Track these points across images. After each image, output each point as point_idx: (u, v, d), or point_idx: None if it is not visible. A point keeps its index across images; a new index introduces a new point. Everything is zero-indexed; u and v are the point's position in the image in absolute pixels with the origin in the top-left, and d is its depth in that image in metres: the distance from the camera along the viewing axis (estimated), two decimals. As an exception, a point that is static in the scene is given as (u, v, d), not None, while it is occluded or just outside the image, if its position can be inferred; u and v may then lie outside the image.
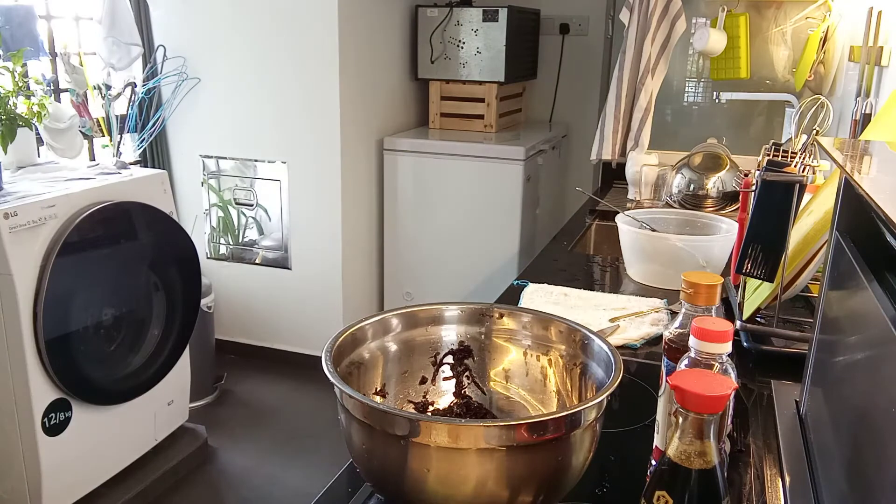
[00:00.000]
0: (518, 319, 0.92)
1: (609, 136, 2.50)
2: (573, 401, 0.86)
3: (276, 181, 2.95)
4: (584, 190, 2.25)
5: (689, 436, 0.56)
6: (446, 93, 3.28)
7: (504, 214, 2.98)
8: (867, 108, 1.81)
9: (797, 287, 1.21)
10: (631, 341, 1.26)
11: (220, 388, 2.91)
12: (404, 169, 3.07)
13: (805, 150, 1.74)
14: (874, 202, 0.59)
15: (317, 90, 2.80)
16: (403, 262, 3.18)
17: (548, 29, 3.51)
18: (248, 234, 3.07)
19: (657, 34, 2.42)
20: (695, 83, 3.23)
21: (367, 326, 0.86)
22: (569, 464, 0.71)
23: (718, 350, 0.70)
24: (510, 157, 2.93)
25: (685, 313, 0.78)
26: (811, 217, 1.19)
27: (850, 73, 2.14)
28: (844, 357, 0.79)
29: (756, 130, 3.13)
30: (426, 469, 0.67)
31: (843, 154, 0.89)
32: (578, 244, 1.97)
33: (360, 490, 0.83)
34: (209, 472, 2.44)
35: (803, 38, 2.76)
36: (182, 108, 2.97)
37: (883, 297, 0.63)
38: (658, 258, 1.53)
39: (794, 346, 1.18)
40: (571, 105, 3.58)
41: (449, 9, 3.15)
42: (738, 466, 0.88)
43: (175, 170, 3.09)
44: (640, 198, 2.29)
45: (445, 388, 0.93)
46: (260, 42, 2.82)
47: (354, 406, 0.71)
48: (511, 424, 0.67)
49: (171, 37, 2.91)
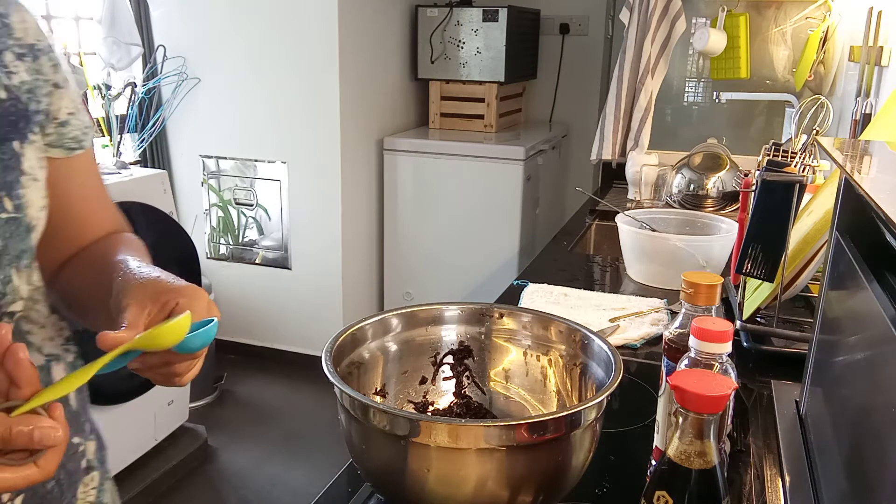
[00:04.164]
0: (518, 319, 0.92)
1: (609, 136, 2.50)
2: (573, 401, 0.86)
3: (276, 181, 2.95)
4: (584, 190, 2.25)
5: (689, 436, 0.56)
6: (446, 93, 3.28)
7: (504, 214, 2.98)
8: (867, 108, 1.81)
9: (797, 287, 1.21)
10: (631, 341, 1.25)
11: (220, 388, 2.91)
12: (404, 169, 3.07)
13: (805, 150, 1.74)
14: (874, 202, 0.59)
15: (317, 90, 2.80)
16: (403, 262, 3.18)
17: (548, 29, 3.51)
18: (248, 234, 3.07)
19: (657, 34, 2.42)
20: (695, 83, 3.22)
21: (367, 326, 0.86)
22: (569, 464, 0.71)
23: (718, 350, 0.70)
24: (510, 157, 2.93)
25: (685, 313, 0.78)
26: (811, 217, 1.19)
27: (850, 73, 2.14)
28: (844, 357, 0.79)
29: (756, 130, 3.13)
30: (426, 469, 0.67)
31: (843, 154, 0.89)
32: (578, 244, 1.97)
33: (360, 490, 0.83)
34: (209, 472, 2.44)
35: (803, 38, 2.76)
36: (182, 108, 2.97)
37: (883, 297, 0.63)
38: (658, 258, 1.53)
39: (794, 346, 1.18)
40: (571, 105, 3.58)
41: (449, 9, 3.15)
42: (738, 466, 0.88)
43: (175, 170, 3.09)
44: (640, 198, 2.29)
45: (445, 388, 0.93)
46: (260, 42, 2.82)
47: (354, 406, 0.71)
48: (511, 424, 0.67)
49: (171, 37, 2.91)
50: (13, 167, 0.59)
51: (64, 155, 0.69)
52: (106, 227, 0.76)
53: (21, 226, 0.60)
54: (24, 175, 0.60)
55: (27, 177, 0.60)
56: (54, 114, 0.66)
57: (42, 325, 0.66)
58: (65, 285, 0.71)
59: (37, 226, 0.62)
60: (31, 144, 0.61)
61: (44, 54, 0.65)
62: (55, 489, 0.66)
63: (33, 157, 0.62)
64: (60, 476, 0.66)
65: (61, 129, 0.68)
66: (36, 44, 0.64)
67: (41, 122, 0.64)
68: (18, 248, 0.60)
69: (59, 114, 0.67)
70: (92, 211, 0.75)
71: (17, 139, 0.60)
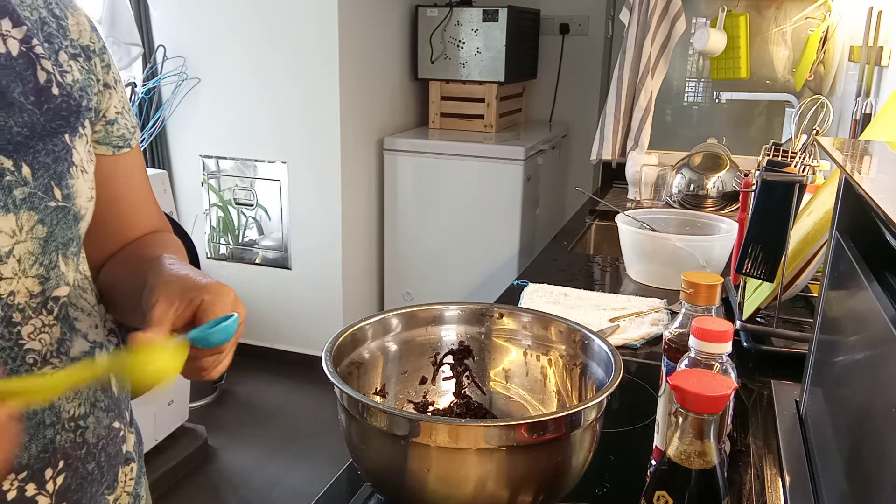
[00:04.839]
0: (518, 319, 0.92)
1: (609, 136, 2.50)
2: (573, 401, 0.86)
3: (276, 181, 2.95)
4: (584, 190, 2.25)
5: (689, 436, 0.56)
6: (446, 93, 3.28)
7: (504, 214, 2.98)
8: (867, 108, 1.81)
9: (797, 287, 1.21)
10: (631, 341, 1.26)
11: (220, 388, 2.91)
12: (404, 169, 3.07)
13: (805, 150, 1.74)
14: (874, 202, 0.59)
15: (317, 90, 2.80)
16: (403, 262, 3.18)
17: (548, 29, 3.51)
18: (248, 234, 3.07)
19: (657, 34, 2.42)
20: (695, 83, 3.22)
21: (367, 326, 0.86)
22: (569, 464, 0.71)
23: (718, 350, 0.70)
24: (510, 157, 2.93)
25: (685, 313, 0.78)
26: (811, 217, 1.19)
27: (850, 73, 2.14)
28: (844, 357, 0.79)
29: (756, 130, 3.13)
30: (426, 469, 0.67)
31: (843, 154, 0.89)
32: (578, 244, 1.97)
33: (360, 490, 0.83)
34: (209, 472, 2.44)
35: (803, 38, 2.76)
36: (182, 108, 2.97)
37: (883, 297, 0.63)
38: (658, 258, 1.53)
39: (794, 346, 1.18)
40: (571, 105, 3.58)
41: (449, 9, 3.15)
42: (738, 466, 0.88)
43: (175, 170, 3.09)
44: (640, 198, 2.29)
45: (445, 388, 0.93)
46: (260, 42, 2.82)
47: (354, 406, 0.71)
48: (511, 424, 0.67)
49: (171, 37, 2.91)
50: (64, 158, 0.62)
51: (110, 152, 0.72)
52: (148, 226, 0.79)
53: (69, 214, 0.63)
54: (74, 167, 0.63)
55: (77, 168, 0.63)
56: (104, 112, 0.70)
57: (89, 312, 0.69)
58: (105, 281, 0.74)
59: (85, 216, 0.65)
60: (80, 138, 0.65)
61: (96, 55, 0.69)
62: (95, 470, 0.68)
63: (83, 150, 0.65)
64: (101, 458, 0.68)
65: (109, 128, 0.71)
66: (89, 45, 0.68)
67: (91, 119, 0.67)
68: (66, 236, 0.63)
69: (108, 112, 0.70)
70: (135, 209, 0.78)
71: (68, 132, 0.63)
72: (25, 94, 0.60)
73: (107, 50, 0.71)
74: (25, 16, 0.62)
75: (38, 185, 0.59)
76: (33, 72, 0.61)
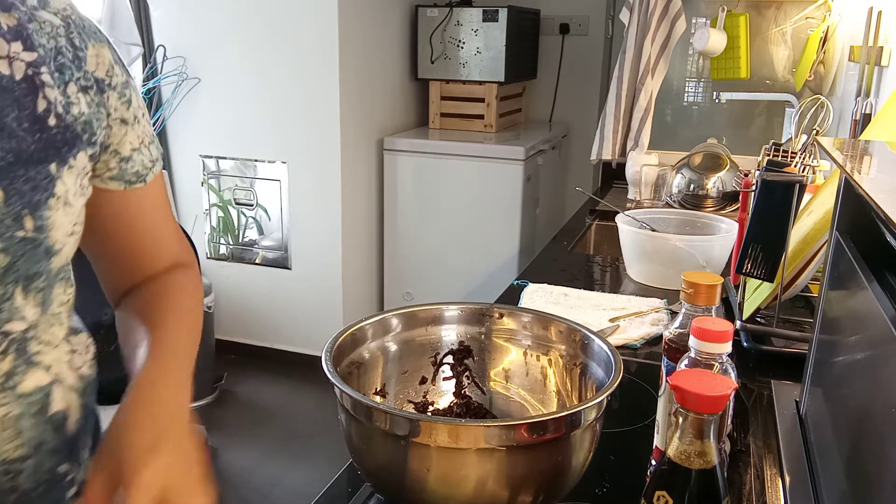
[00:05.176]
0: (518, 319, 0.92)
1: (609, 136, 2.50)
2: (573, 401, 0.86)
3: (276, 181, 2.95)
4: (584, 190, 2.25)
5: (689, 436, 0.56)
6: (446, 93, 3.28)
7: (504, 214, 2.98)
8: (867, 108, 1.81)
9: (797, 287, 1.21)
10: (631, 341, 1.25)
11: (220, 388, 2.91)
12: (404, 169, 3.07)
13: (805, 150, 1.74)
14: (874, 202, 0.59)
15: (317, 90, 2.80)
16: (403, 262, 3.18)
17: (548, 29, 3.51)
18: (248, 234, 3.07)
19: (657, 34, 2.42)
20: (695, 83, 3.22)
21: (367, 326, 0.86)
22: (569, 464, 0.71)
23: (718, 350, 0.70)
24: (510, 157, 2.93)
25: (685, 313, 0.78)
26: (811, 217, 1.19)
27: (850, 73, 2.14)
28: (844, 357, 0.79)
29: (756, 130, 3.13)
30: (426, 469, 0.67)
31: (843, 154, 0.89)
32: (578, 244, 1.97)
33: (360, 490, 0.83)
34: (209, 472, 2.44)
35: (803, 38, 2.76)
36: (182, 108, 2.97)
37: (883, 297, 0.63)
38: (658, 258, 1.53)
39: (794, 346, 1.18)
40: (571, 105, 3.58)
41: (449, 9, 3.15)
42: (738, 466, 0.88)
43: (175, 170, 3.09)
44: (640, 198, 2.29)
45: (445, 388, 0.93)
46: (260, 42, 2.82)
47: (354, 406, 0.71)
48: (511, 424, 0.67)
49: (171, 37, 2.91)
50: (44, 188, 0.59)
51: (122, 188, 0.70)
52: (162, 262, 0.77)
53: (39, 247, 0.60)
54: (55, 198, 0.60)
55: (58, 199, 0.60)
56: (115, 147, 0.68)
57: (56, 346, 0.67)
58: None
59: (61, 250, 0.62)
60: (70, 170, 0.62)
61: (112, 90, 0.66)
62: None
63: (71, 182, 0.62)
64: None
65: (123, 165, 0.69)
66: (105, 79, 0.65)
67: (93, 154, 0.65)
68: (30, 269, 0.60)
69: (121, 149, 0.68)
70: (148, 244, 0.76)
71: (55, 162, 0.60)
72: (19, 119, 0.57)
73: (130, 85, 0.68)
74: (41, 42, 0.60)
75: (7, 213, 0.56)
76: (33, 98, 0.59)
